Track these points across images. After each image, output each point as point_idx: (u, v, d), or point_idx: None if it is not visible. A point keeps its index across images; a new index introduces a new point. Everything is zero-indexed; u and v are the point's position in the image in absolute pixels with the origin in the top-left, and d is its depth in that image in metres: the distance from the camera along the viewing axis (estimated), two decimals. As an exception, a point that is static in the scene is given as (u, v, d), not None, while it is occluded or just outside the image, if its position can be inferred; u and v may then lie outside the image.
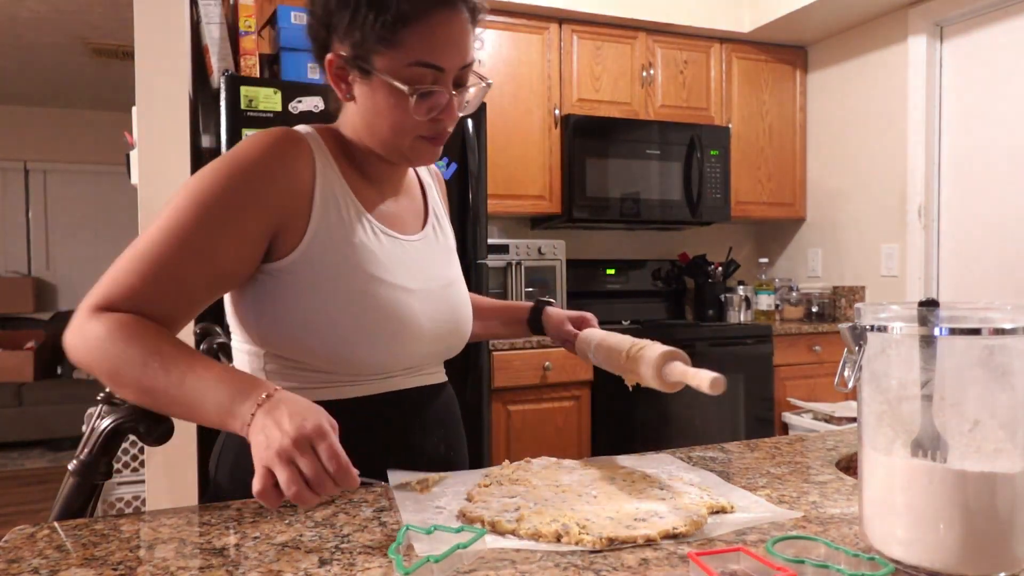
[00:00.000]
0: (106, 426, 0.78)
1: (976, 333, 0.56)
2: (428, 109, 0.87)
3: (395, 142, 0.91)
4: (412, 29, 0.83)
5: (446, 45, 0.85)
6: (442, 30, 0.84)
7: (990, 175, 2.86)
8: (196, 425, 2.15)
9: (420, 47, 0.84)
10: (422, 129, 0.89)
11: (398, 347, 0.91)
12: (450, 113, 0.89)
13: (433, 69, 0.85)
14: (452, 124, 0.92)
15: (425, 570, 0.58)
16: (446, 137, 0.93)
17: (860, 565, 0.57)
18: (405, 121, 0.88)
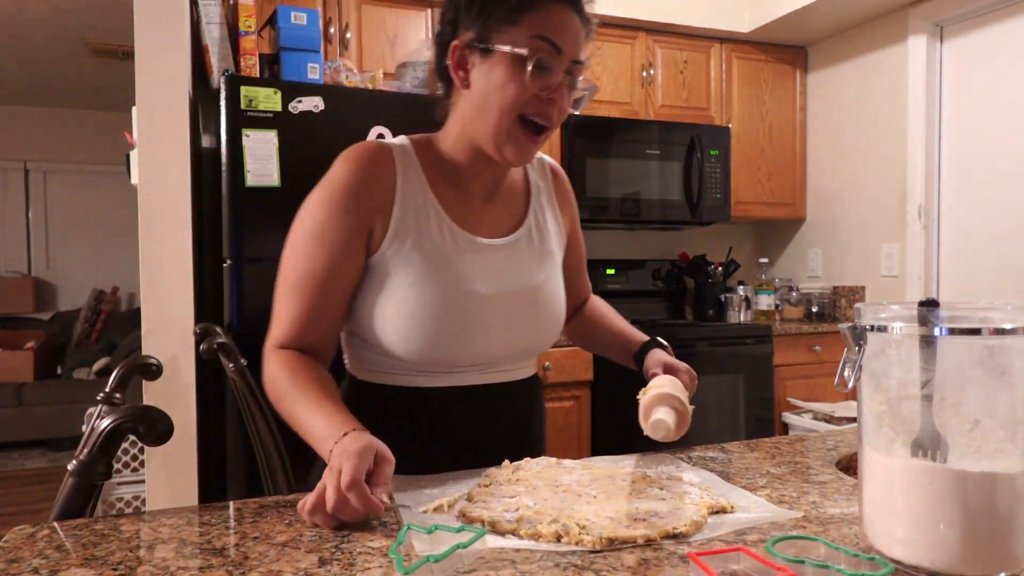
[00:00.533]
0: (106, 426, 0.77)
1: (976, 333, 0.56)
2: (541, 86, 0.91)
3: (499, 126, 0.93)
4: (533, 11, 0.91)
5: (562, 29, 0.92)
6: (559, 17, 0.92)
7: (990, 175, 2.86)
8: (196, 425, 2.16)
9: (540, 24, 0.91)
10: (531, 106, 0.92)
11: (460, 347, 0.97)
12: (560, 95, 0.92)
13: (550, 45, 0.91)
14: (559, 113, 0.94)
15: (425, 570, 0.58)
16: (550, 129, 0.95)
17: (860, 565, 0.57)
18: (519, 94, 0.91)
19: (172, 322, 2.12)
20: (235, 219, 2.11)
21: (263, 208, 2.13)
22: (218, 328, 1.69)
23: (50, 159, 5.68)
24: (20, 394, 4.72)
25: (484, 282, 0.98)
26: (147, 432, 0.79)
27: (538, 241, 1.07)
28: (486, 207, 1.04)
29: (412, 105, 2.32)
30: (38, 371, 4.86)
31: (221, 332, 1.61)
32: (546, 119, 0.93)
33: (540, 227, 1.08)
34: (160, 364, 1.25)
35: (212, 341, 1.42)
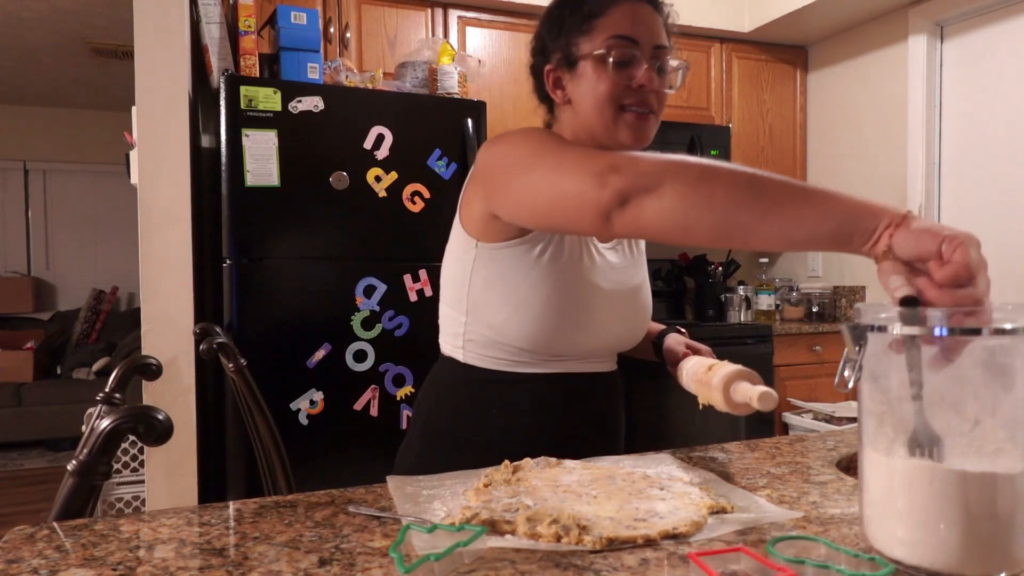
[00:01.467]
0: (106, 426, 0.77)
1: (976, 333, 0.56)
2: (628, 77, 0.97)
3: (603, 119, 0.98)
4: (603, 16, 0.98)
5: (635, 23, 0.98)
6: (629, 13, 0.98)
7: (990, 175, 2.86)
8: (196, 425, 2.16)
9: (612, 26, 0.97)
10: (627, 97, 0.97)
11: (582, 337, 1.04)
12: (648, 80, 0.97)
13: (627, 40, 0.97)
14: (656, 96, 0.99)
15: (425, 569, 0.58)
16: (652, 113, 0.99)
17: (860, 565, 0.57)
18: (609, 89, 0.97)
19: (172, 322, 2.12)
20: (235, 219, 2.11)
21: (263, 208, 2.13)
22: (218, 328, 1.69)
23: (50, 159, 5.68)
24: (20, 394, 4.72)
25: (605, 279, 1.05)
26: (147, 432, 0.79)
27: (635, 247, 1.15)
28: None
29: (412, 105, 2.32)
30: (38, 371, 4.86)
31: (221, 332, 1.62)
32: (645, 106, 0.98)
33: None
34: (160, 364, 1.25)
35: (212, 341, 1.42)
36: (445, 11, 2.92)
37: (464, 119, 2.35)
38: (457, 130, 2.35)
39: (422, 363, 2.30)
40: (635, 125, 0.98)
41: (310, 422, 2.16)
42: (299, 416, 2.15)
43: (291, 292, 2.16)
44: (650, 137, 1.01)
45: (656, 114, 1.01)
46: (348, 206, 2.22)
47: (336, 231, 2.21)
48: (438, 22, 2.91)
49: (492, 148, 0.98)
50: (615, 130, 0.99)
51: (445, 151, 2.32)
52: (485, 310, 1.03)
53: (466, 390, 1.07)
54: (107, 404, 1.04)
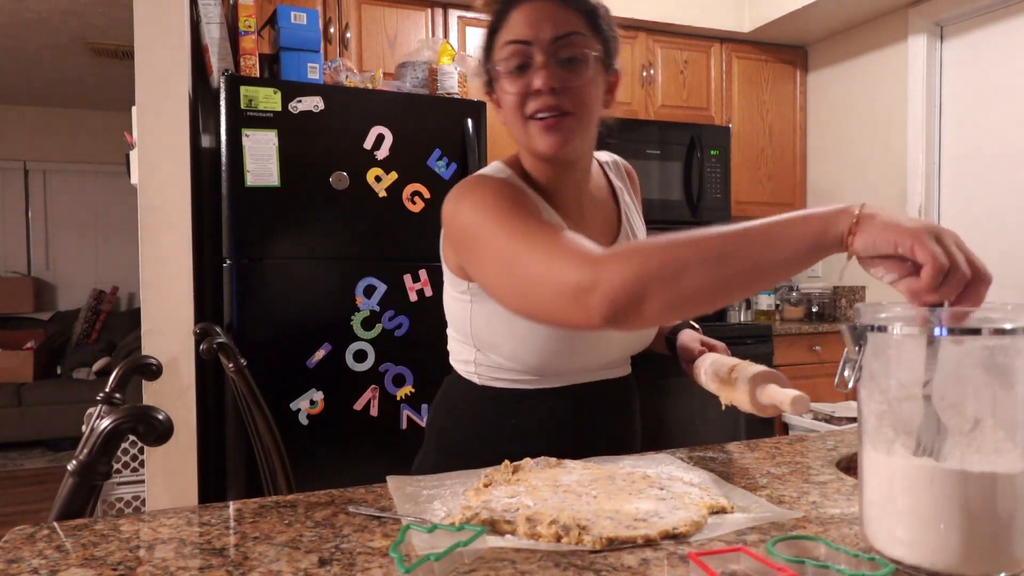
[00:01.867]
0: (106, 426, 0.77)
1: (976, 333, 0.56)
2: (521, 85, 0.93)
3: (517, 132, 0.97)
4: (503, 29, 0.95)
5: (528, 23, 0.93)
6: (524, 14, 0.93)
7: (990, 175, 2.86)
8: (196, 425, 2.16)
9: (506, 33, 0.95)
10: (529, 104, 0.93)
11: (592, 353, 1.03)
12: (544, 82, 0.91)
13: (519, 44, 0.92)
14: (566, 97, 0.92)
15: (425, 568, 0.58)
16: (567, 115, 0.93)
17: (860, 565, 0.57)
18: (512, 99, 0.95)
19: (172, 322, 2.12)
20: (235, 219, 2.11)
21: (263, 208, 2.13)
22: (218, 328, 1.69)
23: (50, 159, 5.68)
24: (20, 394, 4.72)
25: None
26: (147, 432, 0.79)
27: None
28: (585, 219, 1.05)
29: (412, 105, 2.32)
30: (38, 371, 4.86)
31: (221, 332, 1.62)
32: (550, 110, 0.92)
33: (633, 228, 1.12)
34: (160, 364, 1.25)
35: (212, 341, 1.42)
36: (445, 11, 2.92)
37: (464, 119, 2.35)
38: (457, 130, 2.35)
39: (422, 363, 2.30)
40: (544, 133, 0.93)
41: (310, 422, 2.16)
42: (299, 416, 2.15)
43: (291, 292, 2.16)
44: (570, 140, 0.94)
45: (575, 114, 0.94)
46: (348, 206, 2.22)
47: (336, 231, 2.21)
48: (438, 22, 2.91)
49: (456, 211, 0.93)
50: (530, 141, 0.95)
51: (445, 151, 2.32)
52: (492, 345, 1.02)
53: (481, 407, 1.06)
54: (107, 404, 1.04)
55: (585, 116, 0.95)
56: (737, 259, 0.70)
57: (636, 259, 0.72)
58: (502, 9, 0.96)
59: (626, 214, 1.11)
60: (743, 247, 0.70)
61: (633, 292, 0.71)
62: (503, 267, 0.85)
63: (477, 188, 0.93)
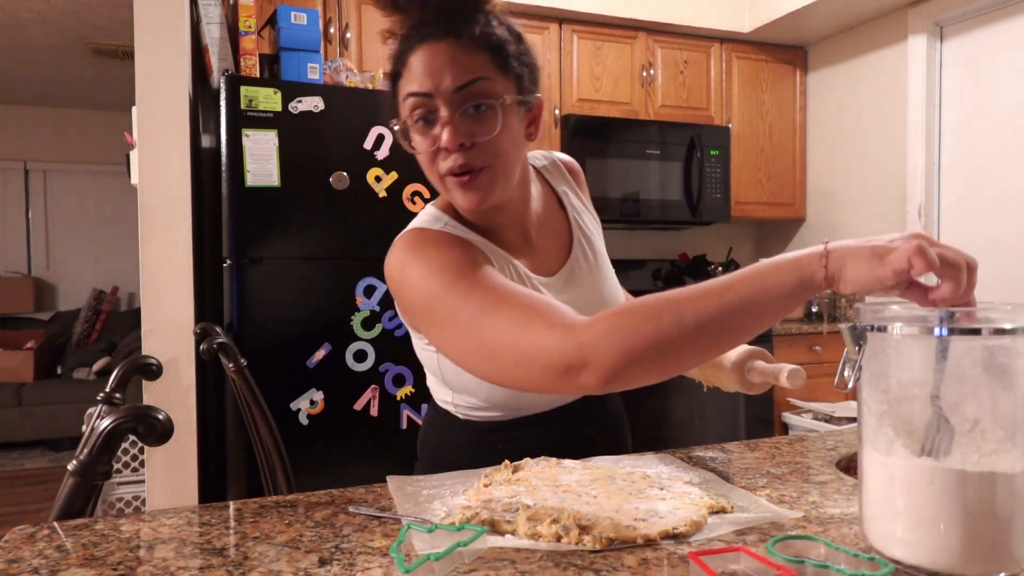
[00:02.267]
0: (106, 426, 0.77)
1: (976, 333, 0.56)
2: (429, 142, 0.88)
3: (439, 189, 0.92)
4: (403, 77, 0.88)
5: (427, 71, 0.85)
6: (423, 63, 0.86)
7: (990, 175, 2.86)
8: (196, 425, 2.16)
9: (406, 84, 0.88)
10: (440, 163, 0.88)
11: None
12: (450, 140, 0.84)
13: (419, 97, 0.86)
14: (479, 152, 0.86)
15: (425, 568, 0.58)
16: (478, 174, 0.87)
17: (860, 565, 0.57)
18: (423, 159, 0.90)
19: (172, 322, 2.12)
20: (235, 219, 2.11)
21: (263, 208, 2.13)
22: (218, 328, 1.69)
23: (50, 159, 5.68)
24: (20, 394, 4.72)
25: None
26: (147, 432, 0.79)
27: (589, 252, 1.06)
28: (535, 247, 1.01)
29: (412, 105, 2.31)
30: (38, 371, 4.86)
31: (221, 332, 1.62)
32: (460, 168, 0.86)
33: (586, 235, 1.07)
34: (160, 364, 1.25)
35: (212, 341, 1.42)
36: (445, 11, 2.92)
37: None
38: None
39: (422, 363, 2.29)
40: (461, 191, 0.88)
41: (310, 422, 2.16)
42: (299, 416, 2.15)
43: (291, 292, 2.16)
44: (490, 194, 0.88)
45: (491, 167, 0.87)
46: (348, 206, 2.22)
47: (336, 231, 2.21)
48: (438, 22, 2.91)
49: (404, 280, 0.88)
50: (452, 197, 0.90)
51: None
52: (467, 391, 0.99)
53: (468, 435, 1.03)
54: (107, 404, 1.05)
55: (502, 166, 0.89)
56: (722, 324, 0.68)
57: (625, 334, 0.69)
58: (401, 52, 0.88)
59: (576, 221, 1.06)
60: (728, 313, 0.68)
61: (625, 367, 0.69)
62: (471, 342, 0.79)
63: (421, 251, 0.87)
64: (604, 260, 1.10)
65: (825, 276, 0.65)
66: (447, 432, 1.06)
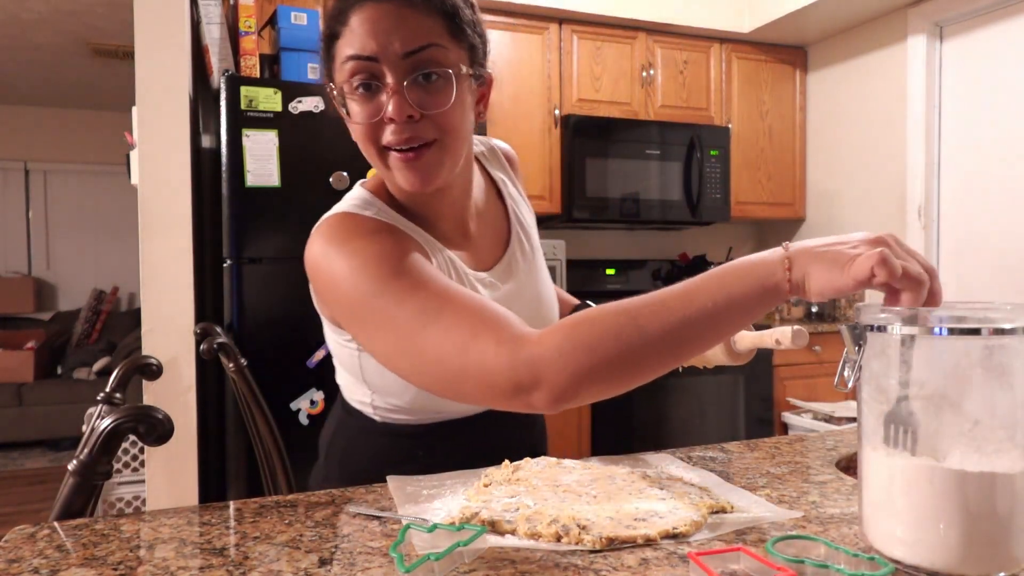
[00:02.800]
0: (106, 426, 0.77)
1: (976, 333, 0.56)
2: (370, 111, 0.79)
3: (376, 166, 0.83)
4: (342, 37, 0.79)
5: (370, 32, 0.76)
6: (368, 23, 0.77)
7: (990, 175, 2.86)
8: (196, 425, 2.16)
9: (346, 44, 0.78)
10: (383, 135, 0.80)
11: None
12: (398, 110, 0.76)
13: (362, 60, 0.77)
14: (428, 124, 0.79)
15: (425, 568, 0.58)
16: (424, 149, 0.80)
17: (860, 565, 0.57)
18: (361, 132, 0.81)
19: (172, 322, 2.12)
20: (235, 219, 2.11)
21: (263, 208, 2.13)
22: (218, 328, 1.69)
23: (50, 159, 5.68)
24: (20, 394, 4.72)
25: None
26: (147, 432, 0.79)
27: (527, 245, 1.01)
28: (472, 238, 0.95)
29: (412, 105, 2.31)
30: (38, 371, 4.86)
31: (221, 332, 1.62)
32: (407, 142, 0.79)
33: (524, 227, 1.02)
34: (160, 364, 1.25)
35: (212, 341, 1.42)
36: (445, 11, 2.92)
37: (464, 119, 2.35)
38: (457, 130, 2.35)
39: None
40: (405, 169, 0.80)
41: (310, 422, 2.16)
42: (299, 416, 2.15)
43: (291, 292, 2.16)
44: (436, 174, 0.81)
45: (439, 141, 0.80)
46: (348, 206, 2.22)
47: (336, 231, 2.21)
48: (438, 22, 2.91)
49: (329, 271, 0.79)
50: (391, 176, 0.82)
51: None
52: (388, 391, 0.92)
53: (382, 440, 0.96)
54: (107, 404, 1.05)
55: (452, 141, 0.81)
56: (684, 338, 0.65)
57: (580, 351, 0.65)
58: (340, 10, 0.79)
59: (514, 211, 1.01)
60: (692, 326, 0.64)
61: (580, 385, 0.66)
62: (406, 349, 0.73)
63: (348, 241, 0.79)
64: (540, 254, 1.04)
65: (790, 287, 0.63)
66: (360, 435, 0.98)
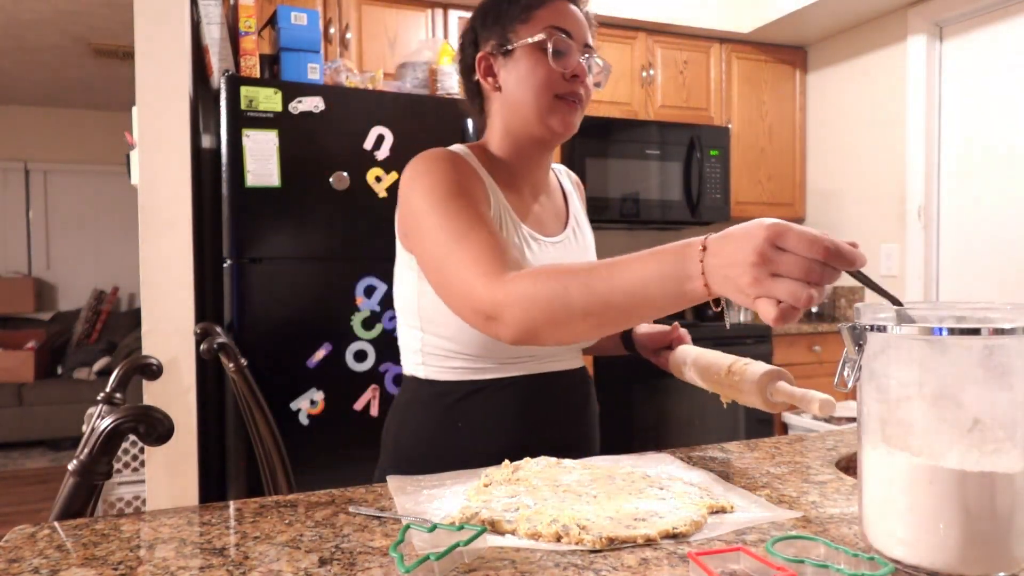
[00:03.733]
0: (106, 426, 0.77)
1: (976, 333, 0.56)
2: (564, 66, 1.01)
3: (539, 105, 1.02)
4: (542, 8, 1.02)
5: (571, 19, 1.03)
6: (566, 9, 1.03)
7: (990, 175, 2.86)
8: (196, 425, 2.16)
9: (550, 17, 1.02)
10: (560, 86, 1.01)
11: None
12: (582, 71, 1.02)
13: (563, 33, 1.01)
14: (585, 90, 1.04)
15: (425, 568, 0.58)
16: (582, 105, 1.04)
17: (860, 565, 0.57)
18: (546, 75, 1.01)
19: (172, 322, 2.12)
20: (235, 219, 2.11)
21: (263, 208, 2.13)
22: (218, 328, 1.69)
23: (50, 159, 5.68)
24: (20, 394, 4.72)
25: None
26: (147, 432, 0.79)
27: (581, 239, 1.16)
28: (539, 206, 1.12)
29: (412, 105, 2.32)
30: (38, 371, 4.86)
31: (221, 332, 1.62)
32: (575, 96, 1.03)
33: (580, 226, 1.18)
34: (160, 364, 1.25)
35: (212, 341, 1.42)
36: (445, 11, 2.92)
37: (464, 119, 2.36)
38: (457, 130, 2.35)
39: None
40: (567, 113, 1.03)
41: (310, 422, 2.16)
42: (299, 416, 2.15)
43: (291, 292, 2.17)
44: (576, 127, 1.05)
45: (583, 105, 1.05)
46: (348, 206, 2.22)
47: (336, 231, 2.22)
48: (438, 22, 2.91)
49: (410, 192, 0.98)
50: (548, 117, 1.02)
51: (445, 151, 2.32)
52: (437, 322, 1.02)
53: (428, 408, 1.05)
54: (108, 404, 1.05)
55: (585, 108, 1.06)
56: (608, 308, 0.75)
57: (531, 302, 0.79)
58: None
59: (574, 212, 1.18)
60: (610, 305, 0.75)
61: (529, 334, 0.81)
62: (434, 263, 0.93)
63: (430, 171, 0.97)
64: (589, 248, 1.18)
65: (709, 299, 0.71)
66: (409, 409, 1.09)
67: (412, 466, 0.99)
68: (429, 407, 1.05)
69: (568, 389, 1.10)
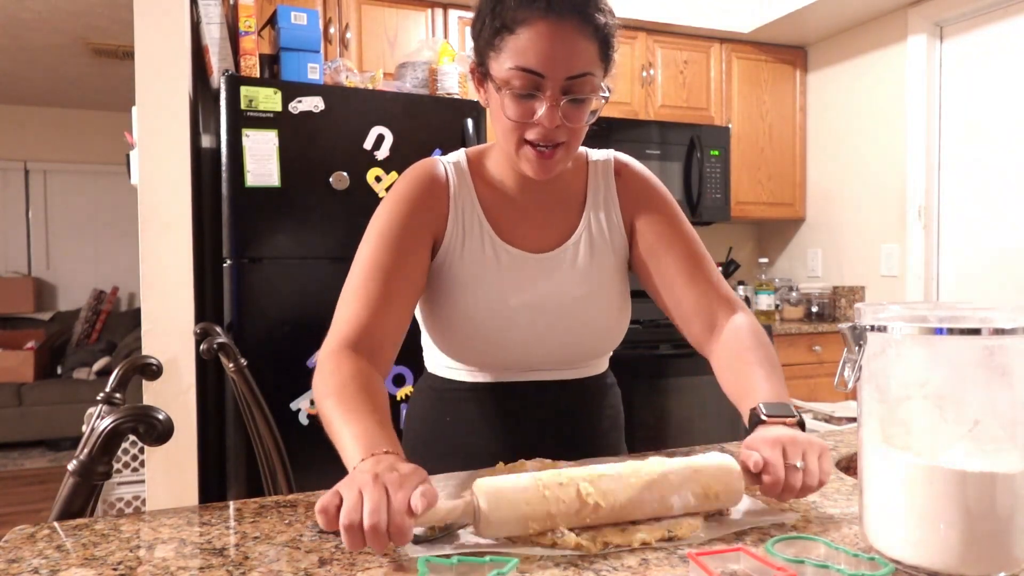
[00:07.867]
0: (106, 426, 0.77)
1: (976, 333, 0.56)
2: (523, 113, 0.89)
3: (506, 147, 0.95)
4: (515, 36, 0.88)
5: (544, 51, 0.86)
6: (543, 40, 0.86)
7: (990, 175, 2.86)
8: (196, 425, 2.16)
9: (519, 53, 0.88)
10: (528, 131, 0.91)
11: (499, 353, 1.02)
12: (550, 121, 0.88)
13: (530, 74, 0.87)
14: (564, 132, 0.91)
15: (425, 570, 0.58)
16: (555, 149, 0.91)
17: (860, 565, 0.57)
18: (506, 123, 0.92)
19: (172, 322, 2.12)
20: (235, 219, 2.11)
21: (263, 208, 2.13)
22: (218, 328, 1.69)
23: (50, 159, 5.68)
24: (20, 394, 4.72)
25: (517, 295, 1.00)
26: (147, 432, 0.79)
27: (586, 253, 1.03)
28: (537, 218, 1.03)
29: (412, 105, 2.32)
30: (38, 371, 4.85)
31: (221, 332, 1.62)
32: (548, 142, 0.90)
33: (592, 236, 1.04)
34: (160, 364, 1.25)
35: (212, 341, 1.42)
36: (445, 11, 2.92)
37: (464, 119, 2.35)
38: (457, 130, 2.35)
39: (421, 363, 2.29)
40: (536, 161, 0.92)
41: (310, 422, 2.16)
42: (299, 416, 2.15)
43: (291, 292, 2.16)
44: (555, 169, 0.94)
45: (567, 144, 0.92)
46: (348, 206, 2.22)
47: (336, 231, 2.21)
48: (438, 22, 2.91)
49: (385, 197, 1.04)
50: (517, 160, 0.94)
51: (445, 151, 2.30)
52: (427, 326, 1.07)
53: (428, 398, 1.11)
54: (107, 404, 1.04)
55: (575, 145, 0.94)
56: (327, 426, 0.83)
57: (315, 384, 0.89)
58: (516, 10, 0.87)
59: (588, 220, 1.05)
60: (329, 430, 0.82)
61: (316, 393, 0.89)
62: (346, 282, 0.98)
63: (393, 196, 1.01)
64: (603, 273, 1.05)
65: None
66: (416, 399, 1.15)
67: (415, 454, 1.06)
68: (428, 398, 1.11)
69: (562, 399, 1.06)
